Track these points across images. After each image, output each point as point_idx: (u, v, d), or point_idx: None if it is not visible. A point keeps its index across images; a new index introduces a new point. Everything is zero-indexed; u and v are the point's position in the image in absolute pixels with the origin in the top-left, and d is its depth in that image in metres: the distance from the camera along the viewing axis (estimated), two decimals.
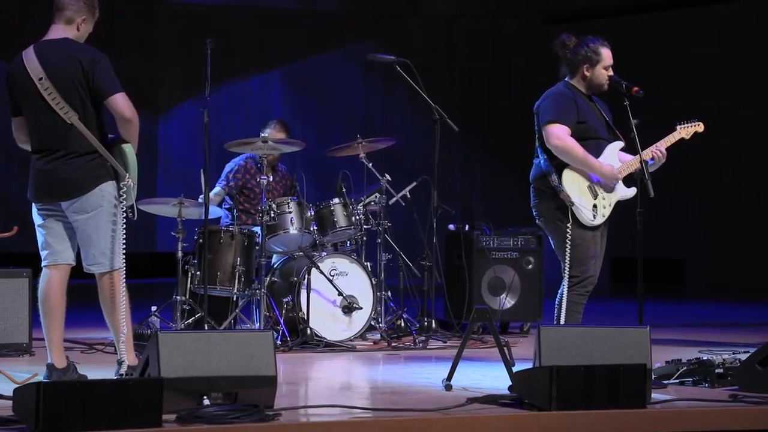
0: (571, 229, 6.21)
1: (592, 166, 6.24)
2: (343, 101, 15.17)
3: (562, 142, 6.21)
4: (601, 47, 6.35)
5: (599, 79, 6.35)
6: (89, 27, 5.80)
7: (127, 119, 5.61)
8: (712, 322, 10.00)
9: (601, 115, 6.44)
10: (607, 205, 6.32)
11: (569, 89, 6.37)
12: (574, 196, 6.23)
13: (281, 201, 7.95)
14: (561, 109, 6.27)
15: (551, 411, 4.96)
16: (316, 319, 7.66)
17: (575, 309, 6.31)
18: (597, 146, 6.35)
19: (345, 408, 5.08)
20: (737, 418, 5.18)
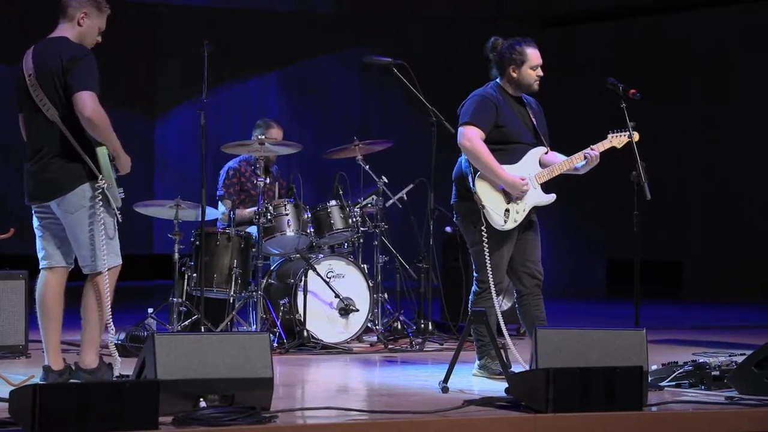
0: (485, 232, 6.20)
1: (496, 173, 6.19)
2: (340, 103, 15.18)
3: (470, 144, 6.20)
4: (527, 48, 6.34)
5: (527, 80, 6.34)
6: (93, 22, 5.77)
7: (86, 118, 5.53)
8: (709, 325, 10.00)
9: (529, 119, 6.41)
10: (521, 210, 6.26)
11: (496, 91, 6.38)
12: (485, 199, 6.21)
13: (278, 203, 7.95)
14: (478, 112, 6.27)
15: (548, 413, 4.96)
16: (312, 322, 7.66)
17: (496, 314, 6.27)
18: (517, 151, 6.32)
19: (341, 410, 5.08)
20: (734, 421, 5.19)
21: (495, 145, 6.27)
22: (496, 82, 6.44)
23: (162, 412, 4.55)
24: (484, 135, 6.25)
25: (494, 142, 6.28)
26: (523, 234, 6.35)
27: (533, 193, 6.31)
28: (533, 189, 6.30)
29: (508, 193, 6.24)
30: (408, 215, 8.48)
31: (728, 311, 11.90)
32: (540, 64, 6.36)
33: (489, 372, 6.26)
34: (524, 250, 6.36)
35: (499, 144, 6.28)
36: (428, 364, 7.15)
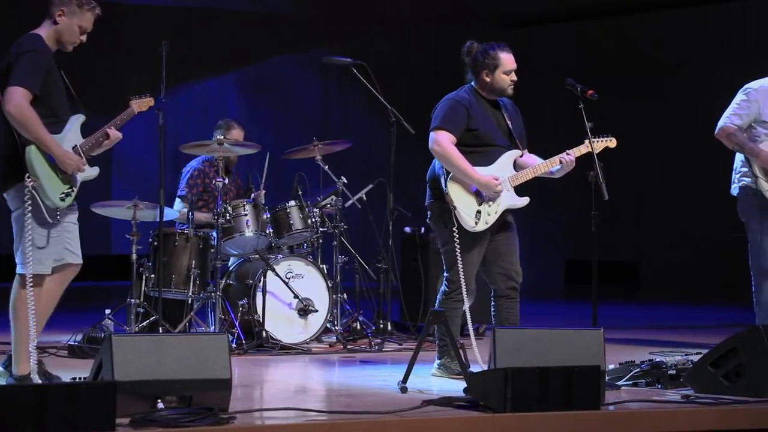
0: (456, 232, 6.22)
1: (469, 175, 6.21)
2: (299, 104, 15.16)
3: (441, 148, 6.23)
4: (500, 53, 6.36)
5: (500, 84, 6.36)
6: (71, 20, 5.73)
7: (7, 111, 5.53)
8: (666, 324, 10.08)
9: (504, 122, 6.43)
10: (493, 213, 6.28)
11: (469, 94, 6.41)
12: (457, 200, 6.22)
13: (237, 203, 7.92)
14: (449, 116, 6.30)
15: (506, 413, 4.98)
16: (271, 322, 7.65)
17: (455, 314, 6.30)
18: (491, 154, 6.33)
19: (300, 411, 5.07)
20: (690, 419, 5.23)
21: (468, 148, 6.29)
22: (471, 86, 6.45)
23: (119, 413, 4.52)
24: (455, 139, 6.26)
25: (467, 144, 6.29)
26: (497, 235, 6.37)
27: (506, 196, 6.32)
28: (506, 191, 6.32)
29: (481, 195, 6.26)
30: (367, 216, 8.48)
31: (685, 311, 11.99)
32: (514, 68, 6.38)
33: (448, 372, 6.27)
34: (498, 252, 6.38)
35: (472, 147, 6.30)
36: (387, 365, 7.16)
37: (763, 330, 5.59)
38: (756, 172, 7.14)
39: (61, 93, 5.78)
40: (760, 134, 7.18)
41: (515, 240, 6.43)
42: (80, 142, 5.80)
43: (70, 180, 5.69)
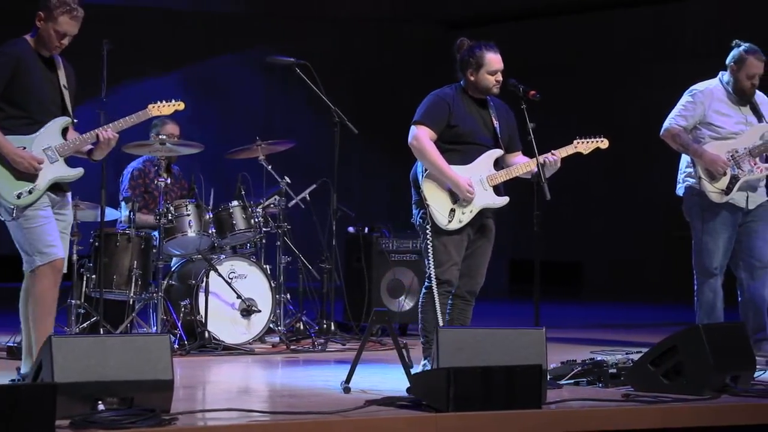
0: (429, 230, 6.24)
1: (443, 173, 6.23)
2: (242, 103, 15.10)
3: (419, 144, 6.24)
4: (487, 52, 6.36)
5: (484, 84, 6.37)
6: (48, 25, 5.74)
7: None
8: (607, 323, 10.17)
9: (490, 121, 6.44)
10: (468, 212, 6.29)
11: (455, 91, 6.41)
12: (430, 197, 6.24)
13: (179, 203, 7.88)
14: (430, 111, 6.31)
15: (449, 412, 4.99)
16: (214, 323, 7.61)
17: (431, 309, 6.30)
18: (471, 152, 6.34)
19: (243, 411, 5.05)
20: (630, 418, 5.27)
21: (448, 145, 6.29)
22: (458, 83, 6.45)
23: (59, 415, 4.48)
24: (434, 134, 6.27)
25: (447, 141, 6.29)
26: (476, 239, 6.37)
27: (483, 195, 6.32)
28: (483, 191, 6.32)
29: (455, 193, 6.27)
30: (311, 215, 8.47)
31: (625, 310, 12.10)
32: (500, 69, 6.37)
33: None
34: (473, 256, 6.38)
35: (452, 144, 6.30)
36: (330, 365, 7.15)
37: (702, 329, 5.66)
38: (700, 173, 7.22)
39: (41, 95, 5.79)
40: (704, 135, 7.27)
41: (489, 250, 6.44)
42: (58, 143, 5.80)
43: (31, 178, 5.68)
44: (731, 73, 7.27)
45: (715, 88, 7.31)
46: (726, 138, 7.24)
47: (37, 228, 5.72)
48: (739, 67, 7.22)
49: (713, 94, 7.28)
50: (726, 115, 7.26)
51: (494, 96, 6.43)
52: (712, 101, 7.25)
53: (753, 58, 7.20)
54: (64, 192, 5.92)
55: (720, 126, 7.25)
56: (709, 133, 7.26)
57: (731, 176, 7.18)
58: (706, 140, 7.26)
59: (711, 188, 7.19)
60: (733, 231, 7.23)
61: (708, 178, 7.20)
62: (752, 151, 7.22)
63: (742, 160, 7.20)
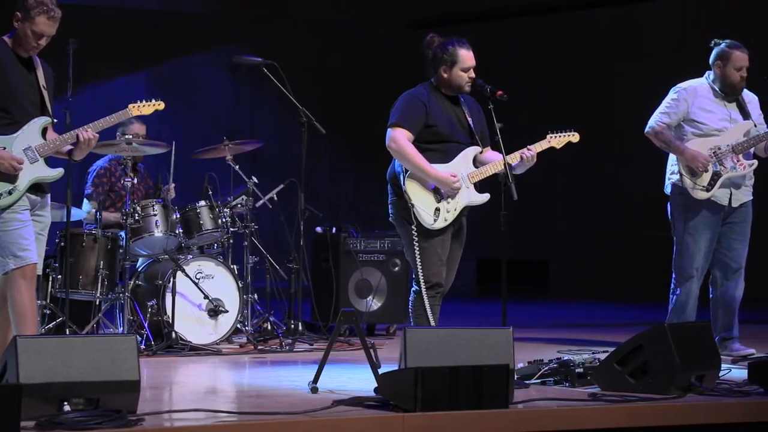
0: (416, 230, 6.24)
1: (426, 172, 6.21)
2: (210, 103, 15.07)
3: (397, 146, 6.22)
4: (459, 49, 6.35)
5: (457, 81, 6.36)
6: (24, 26, 5.72)
7: None
8: (574, 323, 10.20)
9: (464, 118, 6.45)
10: (452, 210, 6.29)
11: (428, 90, 6.39)
12: (415, 197, 6.23)
13: (146, 203, 7.85)
14: (406, 113, 6.28)
15: (416, 412, 4.99)
16: (181, 323, 7.59)
17: (422, 313, 6.29)
18: (450, 150, 6.34)
19: (210, 412, 5.04)
20: (597, 417, 5.29)
21: (427, 144, 6.27)
22: (430, 81, 6.43)
23: (24, 416, 4.45)
24: (411, 136, 6.25)
25: (426, 141, 6.28)
26: (452, 243, 6.38)
27: (465, 192, 6.32)
28: (465, 188, 6.32)
29: (439, 192, 6.26)
30: (278, 215, 8.46)
31: (592, 309, 12.15)
32: (472, 65, 6.36)
33: None
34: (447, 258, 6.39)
35: (430, 143, 6.29)
36: (298, 365, 7.14)
37: (667, 328, 5.69)
38: (681, 170, 7.26)
39: (20, 95, 5.78)
40: (687, 133, 7.30)
41: (460, 252, 6.46)
42: (37, 143, 5.79)
43: (11, 179, 5.67)
44: (718, 70, 7.28)
45: (700, 86, 7.34)
46: (709, 135, 7.25)
47: (14, 231, 5.69)
48: (726, 63, 7.24)
49: (697, 91, 7.31)
50: (710, 112, 7.28)
51: (465, 93, 6.42)
52: (696, 98, 7.28)
53: (737, 51, 7.23)
54: (44, 192, 5.88)
55: (703, 122, 7.26)
56: (692, 129, 7.28)
57: (713, 173, 7.19)
58: (688, 137, 7.28)
59: (692, 185, 7.21)
60: (715, 232, 7.24)
61: (689, 175, 7.23)
62: (735, 148, 7.23)
63: (724, 157, 7.22)
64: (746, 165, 7.25)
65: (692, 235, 7.22)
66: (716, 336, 7.19)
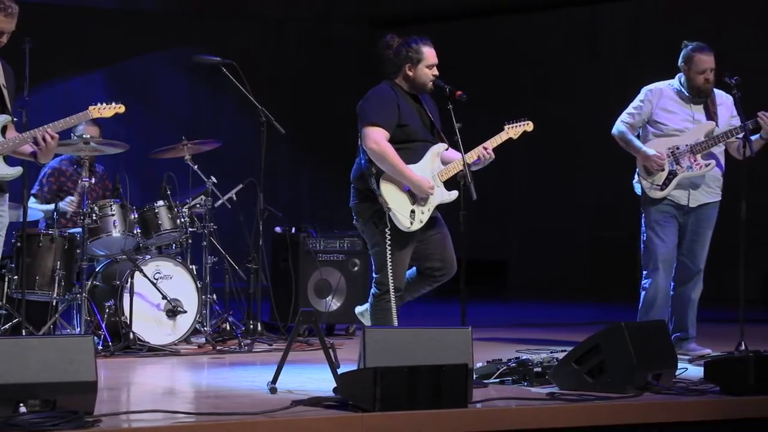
0: (390, 234, 6.23)
1: (404, 175, 6.20)
2: (168, 102, 14.99)
3: (378, 146, 6.19)
4: (423, 46, 6.34)
5: (422, 79, 6.35)
6: None
7: None
8: (532, 322, 10.24)
9: (427, 116, 6.43)
10: (426, 210, 6.29)
11: (393, 89, 6.38)
12: (391, 201, 6.21)
13: (103, 203, 7.81)
14: (382, 112, 6.25)
15: (375, 412, 5.00)
16: (139, 324, 7.55)
17: (386, 316, 6.30)
18: (420, 149, 6.34)
19: (167, 413, 5.02)
20: (555, 416, 5.32)
21: (398, 144, 6.25)
22: (391, 80, 6.39)
23: None
24: (389, 135, 6.22)
25: (397, 141, 6.25)
26: (430, 231, 6.37)
27: (437, 192, 6.32)
28: (437, 187, 6.32)
29: (413, 194, 6.25)
30: (237, 215, 8.43)
31: (550, 309, 12.20)
32: (436, 63, 6.35)
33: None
34: (436, 244, 6.37)
35: (402, 143, 6.26)
36: (257, 365, 7.13)
37: (624, 327, 5.72)
38: (639, 169, 7.34)
39: None
40: (648, 133, 7.38)
41: (447, 232, 6.42)
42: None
43: None
44: (684, 73, 7.35)
45: (666, 87, 7.40)
46: (669, 135, 7.32)
47: None
48: (689, 66, 7.31)
49: (663, 92, 7.37)
50: (672, 113, 7.35)
51: (428, 92, 6.43)
52: (661, 99, 7.35)
53: (700, 55, 7.28)
54: (2, 191, 5.83)
55: (663, 123, 7.33)
56: (653, 130, 7.36)
57: (668, 172, 7.27)
58: (650, 138, 7.38)
59: (647, 184, 7.30)
60: (677, 228, 7.33)
61: (645, 174, 7.31)
62: (694, 148, 7.28)
63: (681, 157, 7.28)
64: (702, 165, 7.31)
65: (653, 230, 7.32)
66: (673, 335, 7.26)
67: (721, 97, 7.44)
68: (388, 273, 6.22)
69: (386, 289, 6.28)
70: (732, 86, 7.22)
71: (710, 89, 7.35)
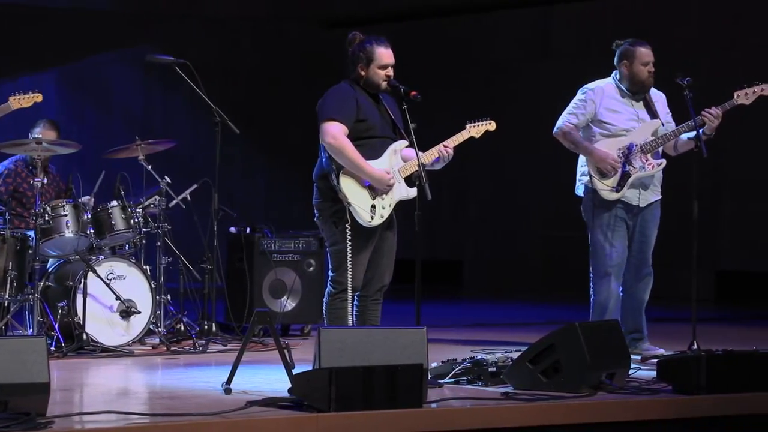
0: (350, 231, 6.23)
1: (363, 169, 6.20)
2: (121, 102, 14.90)
3: (336, 141, 6.18)
4: (376, 47, 6.34)
5: (374, 79, 6.35)
6: None
7: None
8: (487, 322, 10.27)
9: (387, 114, 6.44)
10: (387, 206, 6.29)
11: (352, 87, 6.38)
12: (351, 196, 6.21)
13: (56, 204, 7.75)
14: (340, 107, 6.25)
15: (330, 412, 5.00)
16: (92, 324, 7.50)
17: (341, 316, 6.30)
18: (379, 145, 6.33)
19: (121, 414, 4.99)
20: (509, 415, 5.35)
21: (357, 140, 6.23)
22: (351, 78, 6.39)
23: None
24: (347, 130, 6.21)
25: (356, 137, 6.24)
26: (383, 234, 6.37)
27: (398, 188, 6.31)
28: (398, 183, 6.31)
29: (374, 189, 6.23)
30: (192, 216, 8.40)
31: (505, 309, 12.25)
32: (390, 63, 6.34)
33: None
34: (380, 253, 6.37)
35: (361, 139, 6.26)
36: (211, 366, 7.10)
37: (578, 327, 5.75)
38: (591, 171, 7.28)
39: None
40: (595, 134, 7.32)
41: (395, 242, 6.44)
42: None
43: None
44: (625, 69, 7.30)
45: (607, 86, 7.36)
46: (617, 135, 7.28)
47: None
48: (632, 61, 7.27)
49: (604, 91, 7.32)
50: (617, 112, 7.31)
51: (383, 92, 6.43)
52: (603, 98, 7.30)
53: (641, 48, 7.27)
54: None
55: (610, 123, 7.29)
56: (600, 130, 7.31)
57: (622, 173, 7.22)
58: (597, 138, 7.29)
59: (602, 186, 7.24)
60: (626, 231, 7.31)
61: (598, 176, 7.24)
62: (644, 148, 7.28)
63: (633, 157, 7.26)
64: (655, 165, 7.32)
65: (605, 234, 7.27)
66: (626, 336, 7.26)
67: (656, 94, 7.45)
68: (347, 272, 6.21)
69: (343, 288, 6.27)
70: (684, 87, 7.25)
71: (653, 82, 7.34)
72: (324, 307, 6.37)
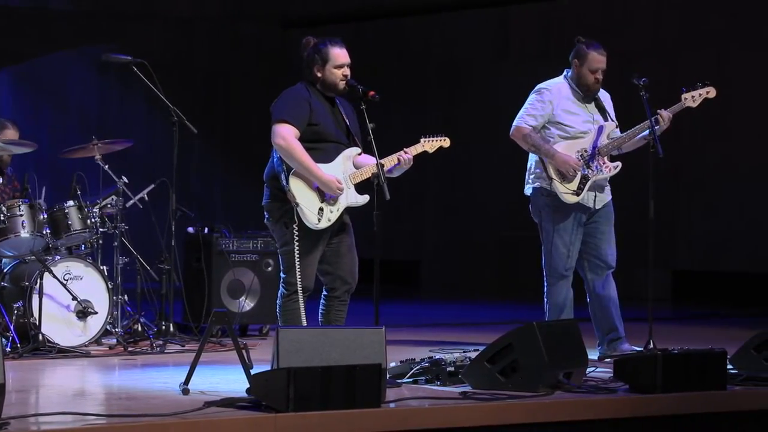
0: (297, 232, 6.23)
1: (312, 172, 6.19)
2: (77, 102, 14.80)
3: (285, 142, 6.18)
4: (332, 47, 6.34)
5: (331, 79, 6.34)
6: None
7: None
8: (445, 322, 10.30)
9: (342, 120, 6.45)
10: (335, 210, 6.29)
11: (308, 90, 6.38)
12: (299, 197, 6.20)
13: (11, 204, 7.69)
14: (291, 109, 6.25)
15: (288, 412, 4.99)
16: (48, 325, 7.45)
17: (294, 317, 6.28)
18: (332, 149, 6.34)
19: (77, 415, 4.96)
20: (467, 415, 5.36)
21: (309, 144, 6.22)
22: (306, 81, 6.38)
23: None
24: (298, 133, 6.20)
25: (308, 140, 6.23)
26: (338, 237, 6.36)
27: (347, 194, 6.30)
28: (347, 189, 6.30)
29: (323, 192, 6.23)
30: (149, 216, 8.36)
31: (464, 309, 12.28)
32: (346, 63, 6.32)
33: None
34: (339, 253, 6.37)
35: (313, 142, 6.24)
36: (169, 366, 7.07)
37: (536, 326, 5.78)
38: (551, 174, 7.16)
39: None
40: (553, 135, 7.23)
41: (353, 242, 6.44)
42: None
43: None
44: (575, 68, 7.26)
45: (562, 85, 7.29)
46: (575, 137, 7.23)
47: None
48: (582, 63, 7.21)
49: (561, 92, 7.25)
50: (574, 114, 7.25)
51: (341, 94, 6.42)
52: (561, 99, 7.22)
53: (595, 53, 7.20)
54: None
55: (569, 125, 7.23)
56: (558, 132, 7.23)
57: (581, 176, 7.17)
58: (555, 140, 7.20)
59: (563, 189, 7.15)
60: (581, 234, 7.25)
61: (559, 179, 7.16)
62: (601, 150, 7.28)
63: (591, 159, 7.21)
64: (611, 167, 7.31)
65: (562, 237, 7.21)
66: (604, 339, 7.25)
67: (604, 95, 7.43)
68: (297, 273, 6.21)
69: (294, 289, 6.27)
70: (640, 87, 7.29)
71: (598, 89, 7.29)
72: (278, 309, 6.36)
